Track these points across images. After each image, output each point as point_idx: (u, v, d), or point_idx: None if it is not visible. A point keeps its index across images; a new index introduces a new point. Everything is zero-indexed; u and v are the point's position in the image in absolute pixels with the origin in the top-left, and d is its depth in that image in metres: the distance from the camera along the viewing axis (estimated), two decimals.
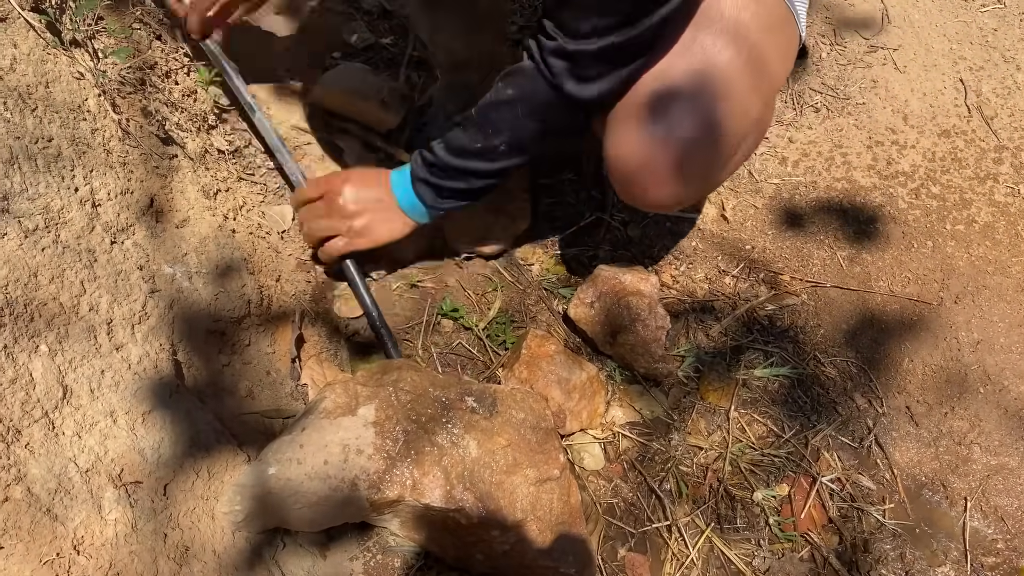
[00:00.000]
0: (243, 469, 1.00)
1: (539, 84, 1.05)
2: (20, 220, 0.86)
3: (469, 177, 1.16)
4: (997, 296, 1.42)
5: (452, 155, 1.15)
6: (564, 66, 1.02)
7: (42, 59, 0.99)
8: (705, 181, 1.12)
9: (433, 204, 1.20)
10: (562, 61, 1.01)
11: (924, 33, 1.75)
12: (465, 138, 1.13)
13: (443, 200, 1.19)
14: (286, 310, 1.21)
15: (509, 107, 1.09)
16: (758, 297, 1.40)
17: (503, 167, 1.15)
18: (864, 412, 1.31)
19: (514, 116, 1.09)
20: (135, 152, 1.07)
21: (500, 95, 1.10)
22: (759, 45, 1.02)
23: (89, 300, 0.91)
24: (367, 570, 1.08)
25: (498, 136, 1.11)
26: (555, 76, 1.03)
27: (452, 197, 1.19)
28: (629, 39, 0.96)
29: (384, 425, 1.00)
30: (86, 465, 0.84)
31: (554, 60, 1.02)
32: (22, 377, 0.81)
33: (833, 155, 1.58)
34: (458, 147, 1.14)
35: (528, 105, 1.08)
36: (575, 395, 1.21)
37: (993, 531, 1.22)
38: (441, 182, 1.17)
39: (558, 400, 1.19)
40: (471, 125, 1.13)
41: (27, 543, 0.76)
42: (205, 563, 0.92)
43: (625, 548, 1.17)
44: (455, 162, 1.15)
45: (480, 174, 1.16)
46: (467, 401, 1.06)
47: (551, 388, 1.19)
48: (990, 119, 1.64)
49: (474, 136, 1.13)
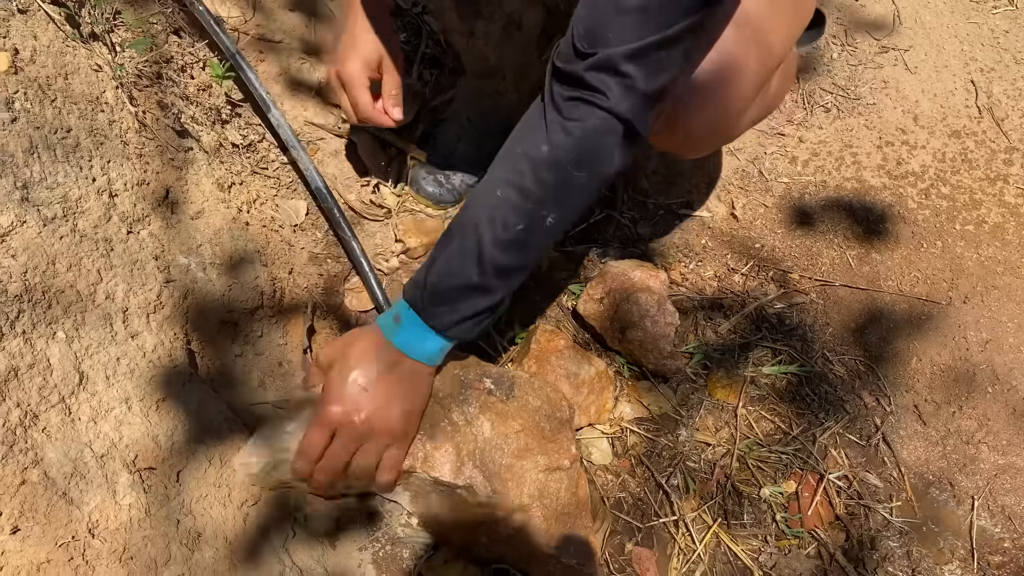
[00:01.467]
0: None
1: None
2: (39, 208, 0.88)
3: (501, 286, 0.95)
4: (1006, 296, 1.42)
5: (467, 288, 0.93)
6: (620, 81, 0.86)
7: (61, 51, 1.00)
8: (710, 144, 1.05)
9: (453, 341, 0.98)
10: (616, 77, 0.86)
11: (935, 34, 1.75)
12: (498, 252, 0.91)
13: (469, 334, 0.98)
14: (298, 302, 1.23)
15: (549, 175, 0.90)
16: (767, 295, 1.41)
17: (545, 245, 0.97)
18: (872, 410, 1.31)
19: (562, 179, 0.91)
20: (151, 144, 1.08)
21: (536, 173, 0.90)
22: (759, 13, 1.01)
23: (105, 288, 0.92)
24: (376, 560, 1.09)
25: (543, 209, 0.91)
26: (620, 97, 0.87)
27: (480, 320, 0.97)
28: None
29: None
30: (101, 450, 0.85)
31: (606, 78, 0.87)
32: (40, 363, 0.82)
33: (843, 155, 1.59)
34: (481, 271, 0.91)
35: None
36: (583, 389, 1.22)
37: (1000, 530, 1.22)
38: (465, 318, 0.95)
39: (567, 394, 1.20)
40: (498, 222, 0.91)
41: (43, 526, 0.77)
42: (216, 549, 0.93)
43: (632, 542, 1.18)
44: (476, 280, 0.92)
45: (517, 273, 0.96)
46: (485, 383, 1.07)
47: (560, 382, 1.20)
48: (1001, 120, 1.64)
49: (508, 240, 0.91)
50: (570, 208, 0.94)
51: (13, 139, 0.88)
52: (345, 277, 1.33)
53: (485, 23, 1.28)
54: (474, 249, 0.91)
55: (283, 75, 1.44)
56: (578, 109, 0.87)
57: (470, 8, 1.26)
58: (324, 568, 1.04)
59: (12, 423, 0.77)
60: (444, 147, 1.45)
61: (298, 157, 1.30)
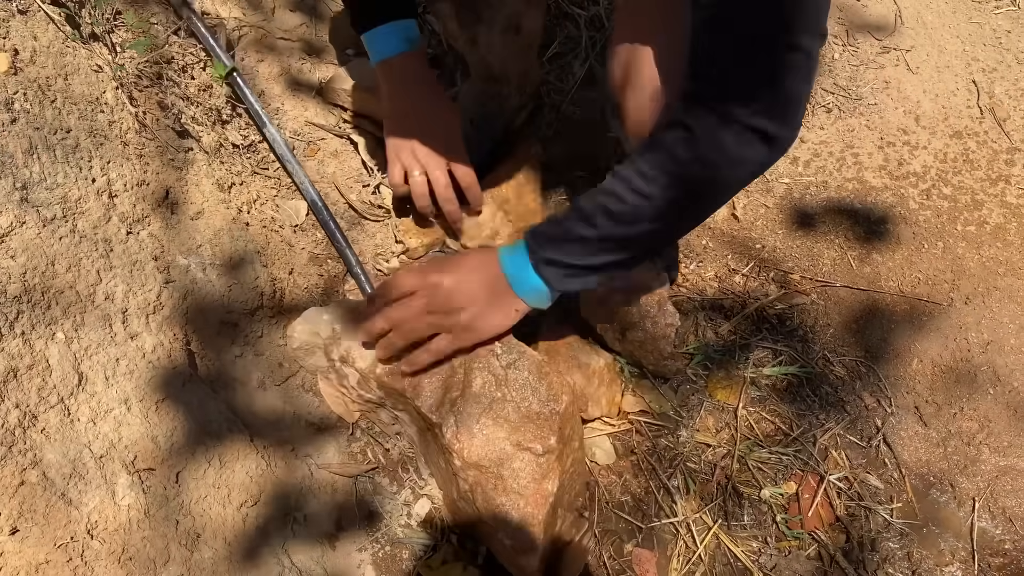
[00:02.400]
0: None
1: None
2: (39, 209, 0.88)
3: (609, 246, 0.99)
4: (1008, 297, 1.42)
5: (586, 221, 0.98)
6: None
7: (61, 52, 1.01)
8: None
9: (558, 284, 1.03)
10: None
11: (937, 34, 1.74)
12: (613, 199, 0.96)
13: (570, 281, 1.02)
14: (298, 303, 1.23)
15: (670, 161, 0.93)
16: (768, 296, 1.40)
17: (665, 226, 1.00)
18: (873, 411, 1.31)
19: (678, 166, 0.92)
20: (151, 144, 1.08)
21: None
22: None
23: (105, 289, 0.92)
24: (375, 560, 1.09)
25: (652, 184, 0.94)
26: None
27: (587, 274, 1.02)
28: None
29: None
30: (100, 451, 0.85)
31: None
32: (39, 363, 0.82)
33: (844, 155, 1.58)
34: (596, 209, 0.97)
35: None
36: (595, 380, 1.22)
37: (1001, 532, 1.22)
38: (570, 258, 1.00)
39: (580, 385, 1.20)
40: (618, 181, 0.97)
41: (42, 526, 0.77)
42: (216, 550, 0.93)
43: (632, 543, 1.18)
44: (590, 230, 0.97)
45: (629, 242, 0.99)
46: (496, 346, 1.10)
47: (572, 372, 1.21)
48: (1003, 121, 1.63)
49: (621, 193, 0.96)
50: (685, 208, 0.97)
51: (13, 140, 0.88)
52: (344, 277, 1.33)
53: (487, 29, 1.28)
54: (591, 209, 0.97)
55: (283, 75, 1.44)
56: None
57: (471, 15, 1.26)
58: (323, 569, 1.04)
59: (11, 424, 0.78)
60: None
61: (293, 171, 1.30)
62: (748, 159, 0.91)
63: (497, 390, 1.08)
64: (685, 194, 0.94)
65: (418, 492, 1.16)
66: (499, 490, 1.04)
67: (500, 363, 1.09)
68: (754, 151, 0.89)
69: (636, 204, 0.94)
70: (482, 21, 1.27)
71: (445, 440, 1.05)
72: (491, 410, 1.06)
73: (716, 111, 0.88)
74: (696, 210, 1.00)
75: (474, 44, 1.31)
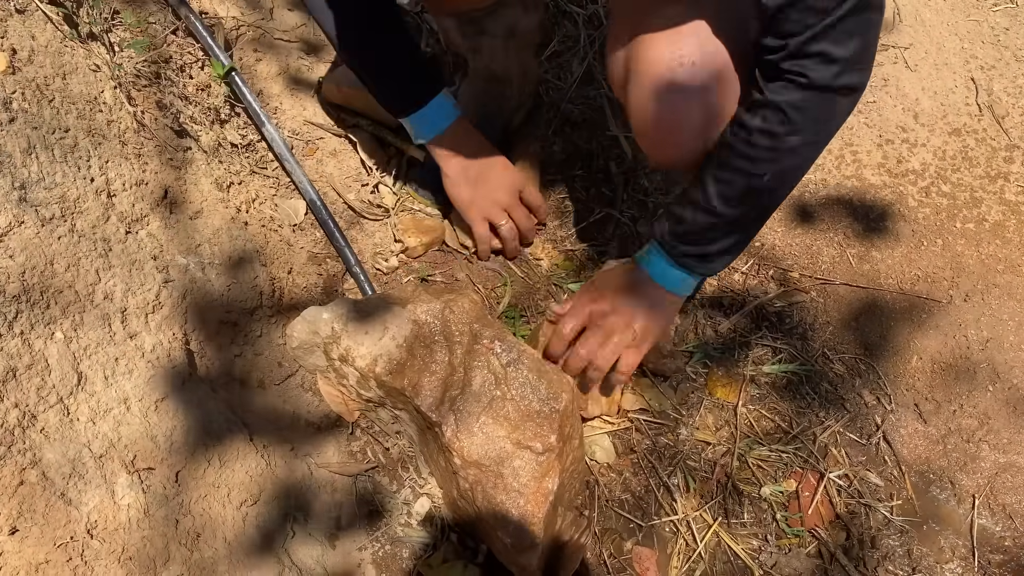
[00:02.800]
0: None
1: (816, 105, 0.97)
2: (37, 209, 0.88)
3: (732, 232, 1.09)
4: (1007, 294, 1.42)
5: (702, 218, 1.07)
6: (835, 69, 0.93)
7: (59, 51, 1.00)
8: (701, 145, 1.09)
9: (699, 272, 1.14)
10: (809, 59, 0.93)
11: (935, 32, 1.74)
12: (716, 197, 1.05)
13: (708, 266, 1.14)
14: (298, 302, 1.23)
15: (764, 137, 0.99)
16: (767, 294, 1.40)
17: (774, 201, 1.09)
18: (872, 409, 1.31)
19: (774, 142, 0.99)
20: (150, 144, 1.08)
21: (749, 133, 1.00)
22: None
23: (104, 288, 0.92)
24: (375, 559, 1.09)
25: (760, 166, 1.01)
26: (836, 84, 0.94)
27: (722, 257, 1.13)
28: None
29: (423, 328, 1.11)
30: (100, 450, 0.85)
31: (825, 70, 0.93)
32: (38, 363, 0.82)
33: (843, 153, 1.58)
34: (707, 207, 1.06)
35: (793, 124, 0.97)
36: None
37: (1001, 529, 1.22)
38: (704, 250, 1.11)
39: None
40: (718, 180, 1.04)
41: (42, 526, 0.77)
42: (216, 550, 0.93)
43: (632, 541, 1.18)
44: (704, 221, 1.07)
45: (745, 223, 1.10)
46: (495, 345, 1.11)
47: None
48: (1001, 118, 1.63)
49: (724, 192, 1.04)
50: (784, 169, 1.03)
51: (11, 139, 0.88)
52: (343, 276, 1.33)
53: (489, 39, 1.29)
54: (705, 201, 1.06)
55: (283, 74, 1.44)
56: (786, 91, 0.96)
57: (473, 27, 1.26)
58: (324, 568, 1.04)
59: (10, 423, 0.77)
60: None
61: (292, 170, 1.30)
62: (840, 114, 0.99)
63: (497, 388, 1.07)
64: (790, 166, 1.03)
65: (418, 491, 1.16)
66: (499, 488, 1.03)
67: (500, 361, 1.09)
68: (843, 105, 0.97)
69: (747, 185, 1.03)
70: (486, 33, 1.27)
71: (445, 439, 1.05)
72: (491, 408, 1.06)
73: (799, 82, 0.93)
74: (800, 173, 1.07)
75: (477, 52, 1.32)
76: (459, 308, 1.12)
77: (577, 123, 1.58)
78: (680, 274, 1.15)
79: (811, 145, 1.02)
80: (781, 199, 1.09)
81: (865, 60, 0.94)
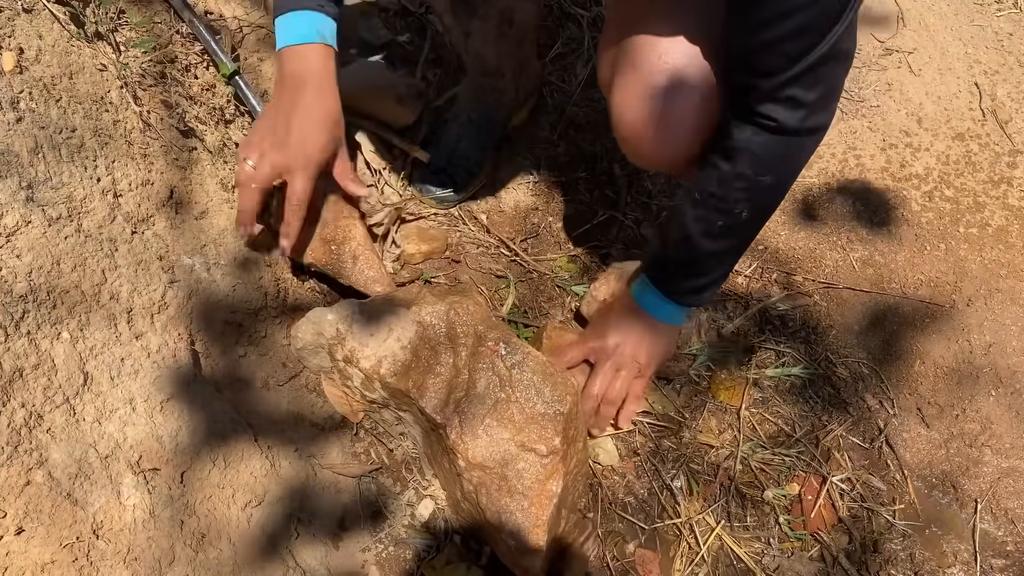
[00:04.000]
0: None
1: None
2: (44, 208, 0.87)
3: (715, 266, 1.15)
4: (1010, 299, 1.42)
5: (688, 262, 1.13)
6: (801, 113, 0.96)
7: (66, 51, 1.00)
8: (693, 148, 1.10)
9: (688, 307, 1.22)
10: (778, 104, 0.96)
11: (939, 36, 1.75)
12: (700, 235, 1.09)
13: (699, 301, 1.20)
14: (303, 303, 1.22)
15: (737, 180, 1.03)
16: (771, 297, 1.41)
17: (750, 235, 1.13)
18: (875, 413, 1.31)
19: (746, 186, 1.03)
20: (156, 144, 1.08)
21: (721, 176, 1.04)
22: None
23: (110, 289, 0.92)
24: (379, 561, 1.09)
25: (736, 206, 1.05)
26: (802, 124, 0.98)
27: (722, 277, 1.18)
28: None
29: (427, 330, 1.11)
30: (106, 451, 0.85)
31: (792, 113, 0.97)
32: (44, 363, 0.82)
33: (847, 157, 1.58)
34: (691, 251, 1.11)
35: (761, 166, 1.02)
36: None
37: (1003, 533, 1.22)
38: (694, 295, 1.17)
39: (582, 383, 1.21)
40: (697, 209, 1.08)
41: (48, 527, 0.77)
42: (221, 550, 0.93)
43: (635, 544, 1.18)
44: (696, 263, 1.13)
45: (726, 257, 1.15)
46: (500, 347, 1.11)
47: (576, 373, 1.21)
48: (1005, 123, 1.64)
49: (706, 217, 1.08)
50: (760, 205, 1.08)
51: (18, 139, 0.88)
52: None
53: (480, 23, 1.28)
54: (687, 241, 1.11)
55: None
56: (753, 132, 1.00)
57: (465, 8, 1.26)
58: (327, 569, 1.04)
59: (17, 423, 0.77)
60: (446, 147, 1.45)
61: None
62: (807, 151, 1.03)
63: (501, 391, 1.08)
64: (765, 202, 1.08)
65: (422, 493, 1.16)
66: (503, 491, 1.03)
67: (505, 364, 1.09)
68: (809, 144, 1.02)
69: (726, 222, 1.07)
70: (476, 15, 1.27)
71: (449, 441, 1.05)
72: (495, 411, 1.06)
73: (769, 127, 0.97)
74: (776, 204, 1.12)
75: (468, 37, 1.31)
76: (464, 310, 1.12)
77: (581, 125, 1.58)
78: (673, 308, 1.20)
79: (783, 182, 1.07)
80: (760, 228, 1.13)
81: (830, 102, 0.99)
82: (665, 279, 1.18)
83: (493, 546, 1.10)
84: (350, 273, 1.20)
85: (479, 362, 1.09)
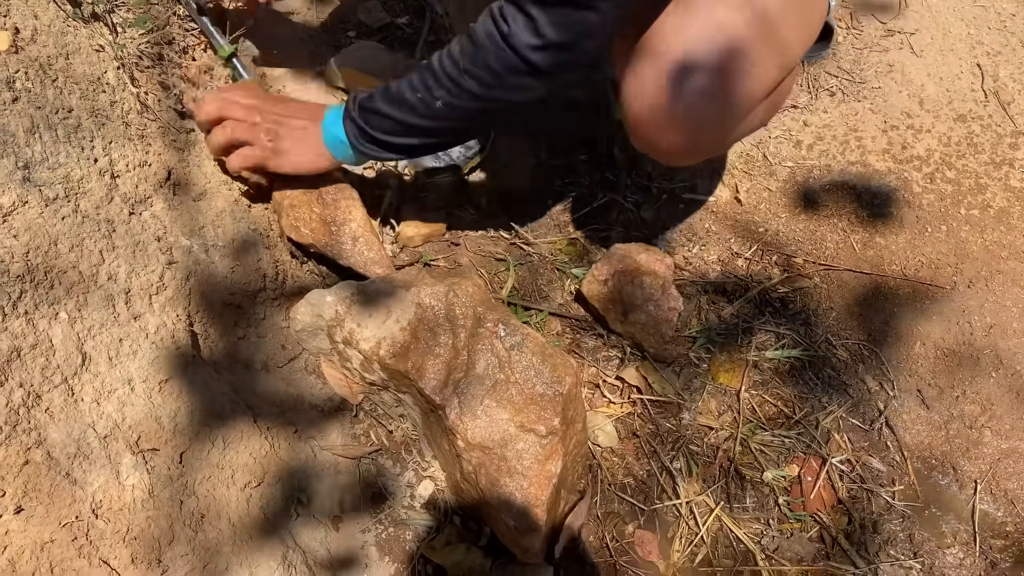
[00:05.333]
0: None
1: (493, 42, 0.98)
2: (41, 189, 0.87)
3: (398, 128, 1.08)
4: (1011, 281, 1.42)
5: (386, 101, 1.06)
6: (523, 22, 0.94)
7: (63, 31, 1.00)
8: (714, 140, 1.09)
9: (355, 142, 1.11)
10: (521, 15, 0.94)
11: (941, 17, 1.73)
12: (406, 86, 1.05)
13: (364, 144, 1.10)
14: (302, 285, 1.22)
15: (452, 62, 1.01)
16: (771, 279, 1.40)
17: (438, 128, 1.08)
18: (875, 394, 1.31)
19: (458, 71, 1.01)
20: (153, 125, 1.08)
21: (451, 48, 1.02)
22: (778, 11, 1.01)
23: (108, 269, 0.92)
24: (379, 542, 1.09)
25: (439, 88, 1.03)
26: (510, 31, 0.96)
27: (373, 143, 1.10)
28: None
29: (427, 311, 1.11)
30: (104, 431, 0.85)
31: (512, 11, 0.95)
32: (42, 343, 0.82)
33: (848, 139, 1.58)
34: (396, 94, 1.06)
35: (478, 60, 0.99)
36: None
37: (1003, 514, 1.22)
38: (366, 125, 1.08)
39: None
40: (416, 73, 1.05)
41: (47, 506, 0.77)
42: (220, 531, 0.93)
43: (634, 525, 1.18)
44: (385, 108, 1.06)
45: (411, 130, 1.08)
46: (499, 328, 1.11)
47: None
48: (1007, 104, 1.63)
49: (415, 86, 1.04)
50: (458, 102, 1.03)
51: (14, 119, 0.88)
52: None
53: (474, 3, 1.28)
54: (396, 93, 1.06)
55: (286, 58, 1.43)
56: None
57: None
58: (327, 549, 1.04)
59: (15, 403, 0.77)
60: None
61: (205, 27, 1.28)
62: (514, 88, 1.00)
63: (501, 372, 1.08)
64: (461, 107, 1.04)
65: (421, 474, 1.16)
66: (502, 471, 1.04)
67: (504, 345, 1.09)
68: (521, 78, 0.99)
69: (423, 101, 1.04)
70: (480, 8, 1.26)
71: (449, 421, 1.05)
72: (495, 391, 1.06)
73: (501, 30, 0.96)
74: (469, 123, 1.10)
75: (462, 9, 1.30)
76: (463, 292, 1.12)
77: (581, 107, 1.57)
78: (339, 132, 1.11)
79: (479, 97, 1.02)
80: (449, 135, 1.12)
81: (564, 53, 0.96)
82: (362, 101, 1.09)
83: (493, 526, 1.11)
84: (349, 254, 1.19)
85: (478, 343, 1.09)
